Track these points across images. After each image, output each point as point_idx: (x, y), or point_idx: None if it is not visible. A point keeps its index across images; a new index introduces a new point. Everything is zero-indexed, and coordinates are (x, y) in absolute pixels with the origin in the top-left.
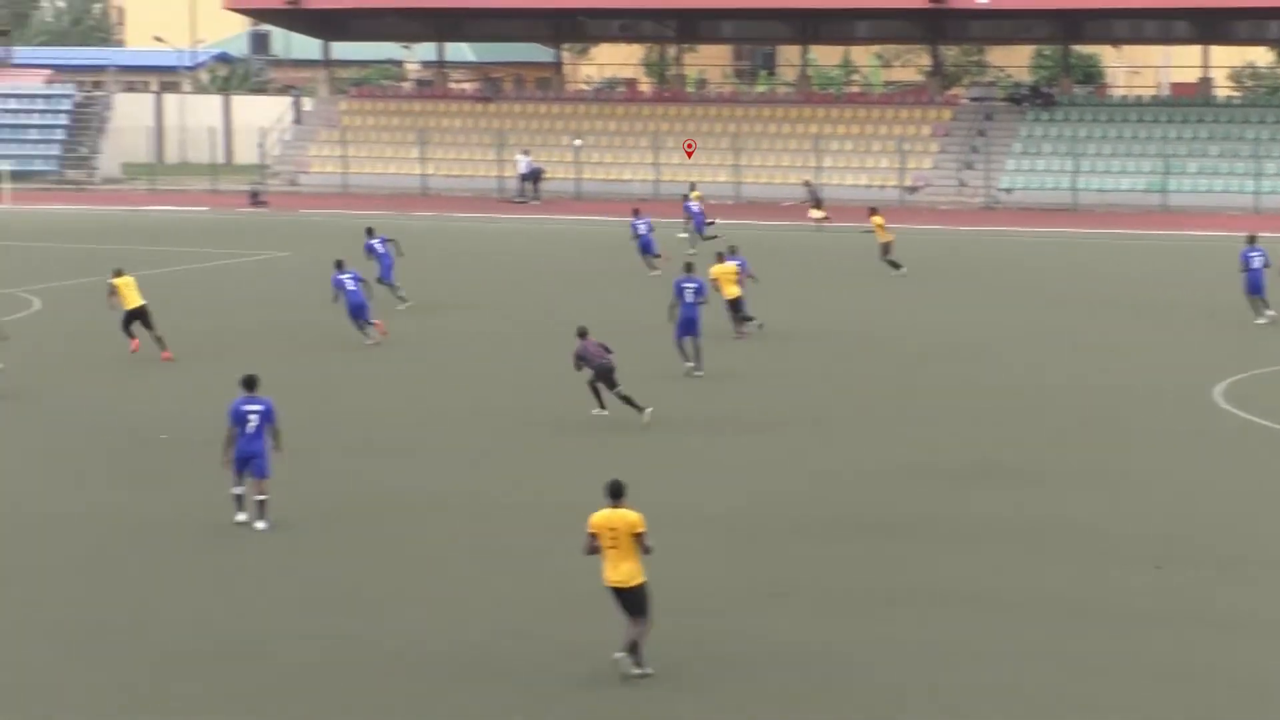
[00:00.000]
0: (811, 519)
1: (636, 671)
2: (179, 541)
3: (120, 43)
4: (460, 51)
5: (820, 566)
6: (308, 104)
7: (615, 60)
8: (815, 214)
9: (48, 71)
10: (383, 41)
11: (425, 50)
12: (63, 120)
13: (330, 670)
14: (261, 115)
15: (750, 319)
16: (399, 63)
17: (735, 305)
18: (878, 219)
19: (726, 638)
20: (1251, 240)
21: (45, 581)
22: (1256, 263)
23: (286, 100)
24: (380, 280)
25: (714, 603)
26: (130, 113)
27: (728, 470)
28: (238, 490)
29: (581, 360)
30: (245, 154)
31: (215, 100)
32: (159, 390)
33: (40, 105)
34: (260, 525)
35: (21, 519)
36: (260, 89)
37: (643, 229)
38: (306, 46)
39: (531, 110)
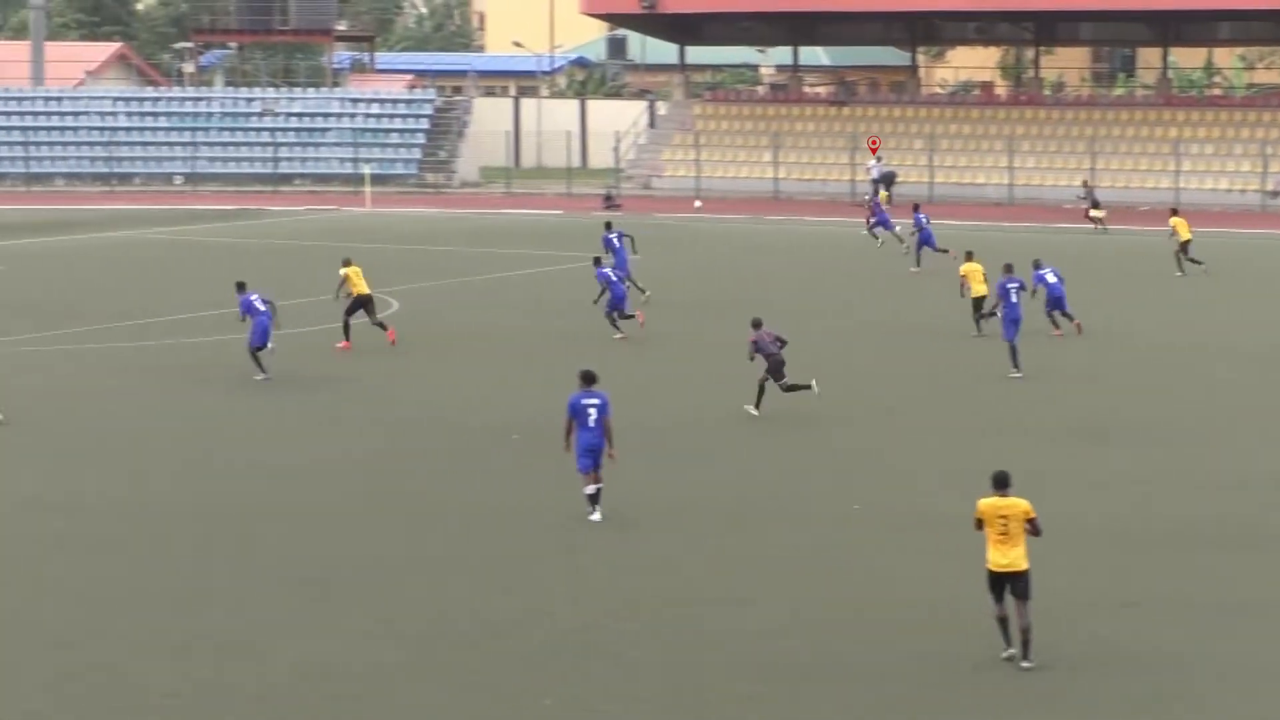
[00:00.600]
0: (1161, 528)
1: (1027, 665)
2: (521, 537)
3: (480, 48)
4: (814, 55)
5: (1172, 576)
6: (662, 108)
7: (971, 63)
8: (1096, 214)
9: (409, 77)
10: (737, 46)
11: (780, 54)
12: (423, 125)
13: (676, 670)
14: (617, 119)
15: (991, 315)
16: (754, 66)
17: (977, 304)
18: (1178, 220)
19: (1077, 645)
20: None
21: (393, 579)
22: None
23: (641, 104)
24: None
25: (1066, 610)
26: (488, 117)
27: (1074, 478)
28: (589, 489)
29: (756, 351)
30: (600, 158)
31: (572, 105)
32: (510, 388)
33: (402, 110)
34: (594, 516)
35: (372, 511)
36: (616, 93)
37: (924, 222)
38: (662, 51)
39: (885, 114)
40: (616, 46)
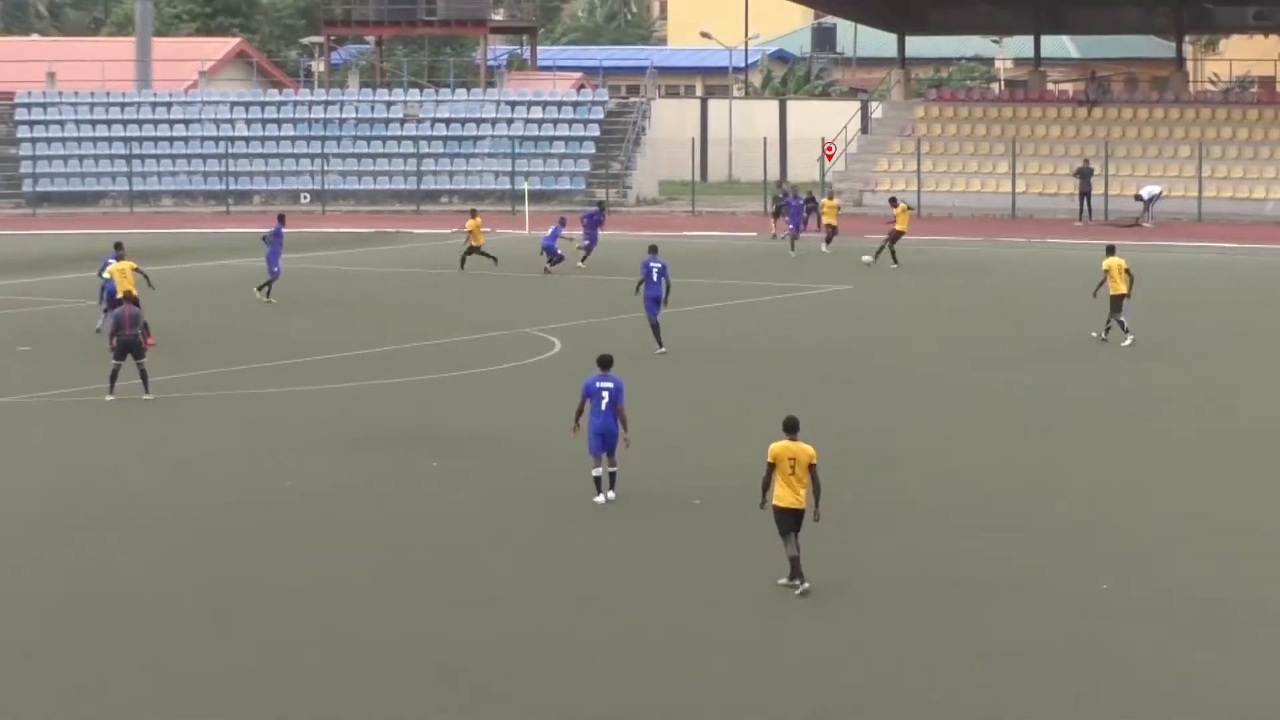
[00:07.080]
0: None
1: (805, 586)
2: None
3: (661, 41)
4: (1060, 45)
5: None
6: (878, 110)
7: (1249, 55)
8: None
9: (577, 75)
10: (968, 35)
11: (1018, 45)
12: (593, 131)
13: None
14: (823, 124)
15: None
16: (987, 60)
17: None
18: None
19: None
20: None
21: None
22: None
23: (853, 106)
24: None
25: None
26: (671, 122)
27: None
28: (597, 472)
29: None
30: (803, 169)
31: (770, 107)
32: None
33: (568, 114)
34: (600, 499)
35: None
36: (824, 93)
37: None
38: (878, 42)
39: (1145, 115)
40: (823, 37)
